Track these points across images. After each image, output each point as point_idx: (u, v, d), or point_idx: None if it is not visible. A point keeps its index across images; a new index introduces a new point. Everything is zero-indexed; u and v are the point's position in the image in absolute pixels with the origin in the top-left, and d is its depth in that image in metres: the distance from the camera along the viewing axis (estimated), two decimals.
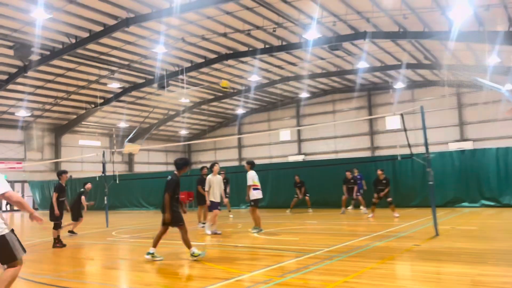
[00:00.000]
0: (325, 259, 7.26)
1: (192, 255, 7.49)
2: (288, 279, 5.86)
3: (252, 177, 11.43)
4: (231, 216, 17.59)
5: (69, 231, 12.84)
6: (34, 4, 18.12)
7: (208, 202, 11.56)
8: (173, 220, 7.47)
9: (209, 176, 11.62)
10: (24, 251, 4.79)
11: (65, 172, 10.65)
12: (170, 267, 7.22)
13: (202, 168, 14.03)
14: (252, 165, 11.65)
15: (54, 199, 10.20)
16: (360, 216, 16.01)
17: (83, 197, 13.29)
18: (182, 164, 7.74)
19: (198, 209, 14.39)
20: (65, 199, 10.93)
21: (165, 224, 7.60)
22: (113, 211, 14.39)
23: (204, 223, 12.64)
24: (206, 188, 11.54)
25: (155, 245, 7.72)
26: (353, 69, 30.74)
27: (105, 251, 10.21)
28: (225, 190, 17.94)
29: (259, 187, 11.55)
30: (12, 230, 4.73)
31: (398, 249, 7.97)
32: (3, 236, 4.62)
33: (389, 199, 14.67)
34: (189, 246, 7.53)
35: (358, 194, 17.89)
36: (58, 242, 10.22)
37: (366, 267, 6.43)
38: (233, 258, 7.94)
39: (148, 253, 7.67)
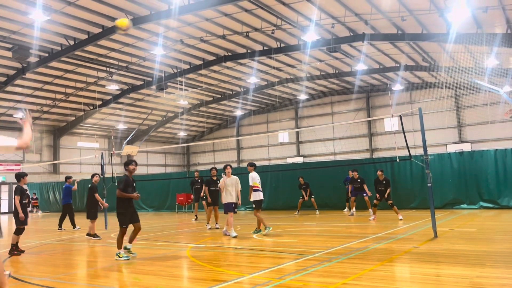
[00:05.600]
0: (324, 261, 7.25)
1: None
2: (287, 281, 5.86)
3: (253, 178, 11.52)
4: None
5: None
6: (32, 6, 18.12)
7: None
8: None
9: (223, 178, 11.57)
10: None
11: (25, 174, 9.98)
12: (168, 269, 7.20)
13: (212, 169, 14.15)
14: (254, 166, 11.92)
15: (17, 203, 9.54)
16: (360, 218, 15.99)
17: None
18: None
19: (207, 210, 14.47)
20: (27, 202, 10.08)
21: None
22: (112, 213, 14.35)
23: (217, 228, 13.55)
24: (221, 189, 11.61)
25: None
26: (352, 71, 30.78)
27: (104, 253, 10.19)
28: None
29: (260, 188, 11.64)
30: None
31: (397, 251, 7.97)
32: None
33: (390, 201, 14.33)
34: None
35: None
36: (16, 249, 9.59)
37: (365, 269, 6.43)
38: (232, 260, 7.93)
39: None
